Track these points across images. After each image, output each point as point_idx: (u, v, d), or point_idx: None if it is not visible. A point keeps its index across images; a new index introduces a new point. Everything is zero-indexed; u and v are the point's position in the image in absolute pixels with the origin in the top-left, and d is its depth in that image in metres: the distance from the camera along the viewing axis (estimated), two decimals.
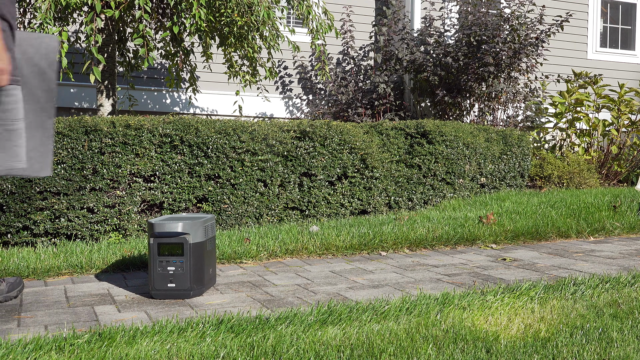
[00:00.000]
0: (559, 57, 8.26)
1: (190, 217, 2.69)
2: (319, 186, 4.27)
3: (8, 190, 3.65)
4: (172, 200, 3.90)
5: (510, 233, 3.81)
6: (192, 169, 3.94)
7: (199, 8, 4.20)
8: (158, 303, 2.53)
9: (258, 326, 2.05)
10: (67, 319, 2.31)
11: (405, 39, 6.54)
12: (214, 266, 2.80)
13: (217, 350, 1.85)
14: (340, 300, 2.49)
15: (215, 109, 6.94)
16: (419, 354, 1.83)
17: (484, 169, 5.16)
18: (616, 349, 1.86)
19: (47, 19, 3.92)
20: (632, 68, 8.92)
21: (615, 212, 4.37)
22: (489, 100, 6.60)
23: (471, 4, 6.63)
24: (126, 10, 4.29)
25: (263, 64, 5.26)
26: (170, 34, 4.61)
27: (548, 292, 2.44)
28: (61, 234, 3.73)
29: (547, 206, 4.50)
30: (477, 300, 2.31)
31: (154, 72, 6.75)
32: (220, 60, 6.06)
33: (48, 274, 3.06)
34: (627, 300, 2.38)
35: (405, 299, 2.32)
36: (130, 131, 3.83)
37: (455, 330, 2.01)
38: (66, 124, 3.77)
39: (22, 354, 1.83)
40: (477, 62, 6.20)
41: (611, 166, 6.93)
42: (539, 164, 6.19)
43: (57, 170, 3.69)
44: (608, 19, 9.05)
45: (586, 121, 6.94)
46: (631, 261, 3.25)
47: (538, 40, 6.42)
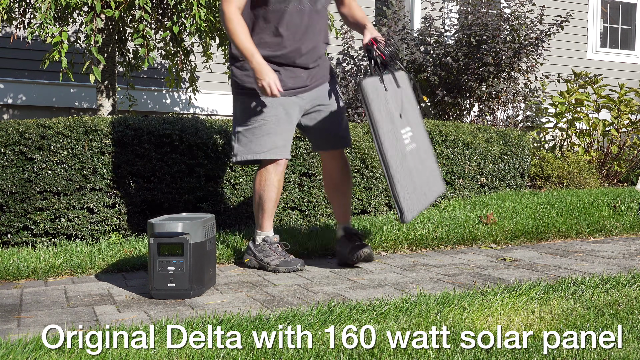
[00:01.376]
0: (559, 57, 8.26)
1: (190, 217, 2.69)
2: (319, 186, 4.27)
3: (8, 190, 3.65)
4: (172, 200, 3.90)
5: (510, 233, 3.81)
6: (192, 169, 3.94)
7: (199, 8, 4.20)
8: (158, 303, 2.53)
9: (258, 326, 2.05)
10: (67, 319, 2.31)
11: (405, 39, 6.54)
12: (214, 266, 2.80)
13: (217, 350, 1.86)
14: (340, 300, 2.49)
15: (215, 109, 6.94)
16: (419, 354, 1.83)
17: (484, 169, 5.16)
18: (616, 349, 1.86)
19: (47, 19, 3.92)
20: (632, 68, 8.92)
21: (615, 212, 4.37)
22: (489, 100, 6.59)
23: (471, 4, 6.62)
24: (126, 10, 4.29)
25: None
26: (170, 34, 4.61)
27: (548, 292, 2.44)
28: (61, 234, 3.73)
29: (547, 206, 4.50)
30: (477, 300, 2.31)
31: (154, 72, 6.75)
32: (220, 60, 6.06)
33: (48, 274, 3.06)
34: (627, 300, 2.38)
35: (405, 299, 2.32)
36: (130, 131, 3.83)
37: (455, 330, 2.01)
38: (66, 124, 3.77)
39: (22, 354, 1.83)
40: (477, 62, 6.20)
41: (611, 166, 6.93)
42: (539, 164, 6.19)
43: (57, 170, 3.69)
44: (608, 19, 9.04)
45: (586, 121, 6.94)
46: (631, 261, 3.25)
47: (538, 40, 6.42)
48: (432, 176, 3.02)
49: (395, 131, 2.83)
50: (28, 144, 3.68)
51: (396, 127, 2.84)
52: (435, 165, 3.13)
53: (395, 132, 2.82)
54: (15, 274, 3.02)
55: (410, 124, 2.94)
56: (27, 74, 6.30)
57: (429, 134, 4.80)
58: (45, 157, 3.68)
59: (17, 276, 3.02)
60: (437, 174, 3.11)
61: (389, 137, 2.77)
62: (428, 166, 3.00)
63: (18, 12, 4.80)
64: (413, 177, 2.82)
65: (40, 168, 3.67)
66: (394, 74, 2.97)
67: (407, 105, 2.97)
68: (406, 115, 2.93)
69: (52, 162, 3.68)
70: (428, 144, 3.12)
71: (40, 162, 3.67)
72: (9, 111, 6.30)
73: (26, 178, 3.65)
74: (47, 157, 3.68)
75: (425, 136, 3.11)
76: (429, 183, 2.97)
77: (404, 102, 2.95)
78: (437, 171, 3.14)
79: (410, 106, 3.00)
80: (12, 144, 3.67)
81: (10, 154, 3.66)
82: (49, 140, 3.69)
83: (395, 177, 2.70)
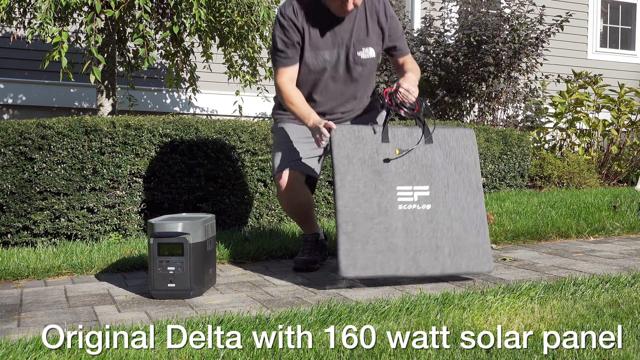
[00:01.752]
0: (559, 57, 8.26)
1: (190, 217, 2.69)
2: (319, 186, 4.27)
3: (8, 190, 3.65)
4: (172, 200, 3.90)
5: (510, 233, 3.81)
6: (192, 169, 3.94)
7: (199, 8, 4.20)
8: (158, 303, 2.53)
9: (258, 326, 2.05)
10: (67, 319, 2.31)
11: (405, 39, 6.54)
12: (214, 266, 2.80)
13: (217, 350, 1.86)
14: (340, 300, 2.49)
15: (215, 109, 6.94)
16: (419, 354, 1.83)
17: (483, 169, 5.16)
18: (616, 349, 1.86)
19: (47, 19, 3.92)
20: (632, 68, 8.91)
21: (615, 212, 4.37)
22: (489, 100, 6.59)
23: (471, 4, 6.62)
24: (126, 10, 4.29)
25: (263, 64, 5.25)
26: (170, 34, 4.61)
27: (548, 292, 2.44)
28: (61, 234, 3.72)
29: (547, 206, 4.50)
30: (477, 300, 2.30)
31: (154, 72, 6.75)
32: (220, 60, 6.06)
33: (48, 274, 3.06)
34: (627, 300, 2.38)
35: (405, 299, 2.32)
36: (130, 131, 3.83)
37: (455, 330, 2.01)
38: (66, 124, 3.77)
39: (22, 354, 1.83)
40: (477, 62, 6.20)
41: (611, 166, 6.93)
42: (539, 164, 6.19)
43: (57, 170, 3.69)
44: (608, 19, 9.04)
45: (586, 121, 6.94)
46: (631, 261, 3.25)
47: (538, 40, 6.42)
48: (454, 248, 2.64)
49: (376, 184, 2.63)
50: (28, 144, 3.68)
51: (384, 180, 2.64)
52: (474, 238, 2.68)
53: (373, 184, 2.63)
54: (15, 274, 3.02)
55: (432, 183, 2.68)
56: (27, 74, 6.30)
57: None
58: (45, 157, 3.68)
59: (17, 276, 3.02)
60: (469, 247, 2.66)
61: (352, 186, 2.60)
62: (450, 235, 2.64)
63: (18, 12, 4.80)
64: (394, 237, 2.58)
65: (40, 168, 3.67)
66: (427, 128, 2.73)
67: (439, 164, 2.70)
68: (427, 174, 2.68)
69: (52, 162, 3.68)
70: (467, 212, 2.70)
71: (40, 162, 3.67)
72: (9, 111, 6.30)
73: (26, 178, 3.65)
74: (47, 157, 3.68)
75: (466, 204, 2.71)
76: (437, 254, 2.62)
77: (432, 160, 2.70)
78: (474, 246, 2.67)
79: (445, 166, 2.72)
80: (12, 144, 3.67)
81: (10, 154, 3.66)
82: (49, 140, 3.69)
83: (340, 226, 2.55)
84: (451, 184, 2.70)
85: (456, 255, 2.64)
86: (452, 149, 2.75)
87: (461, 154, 2.75)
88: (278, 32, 2.87)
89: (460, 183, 2.71)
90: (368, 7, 2.90)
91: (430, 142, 2.74)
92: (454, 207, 2.68)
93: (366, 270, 2.55)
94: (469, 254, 2.65)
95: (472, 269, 2.65)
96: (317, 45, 2.86)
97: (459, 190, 2.70)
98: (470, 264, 2.64)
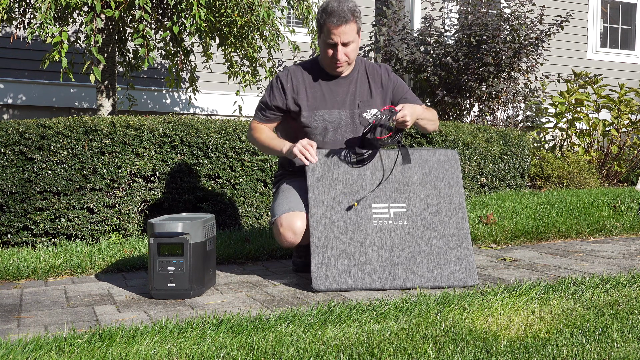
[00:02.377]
0: (559, 57, 8.26)
1: (190, 217, 2.69)
2: None
3: (8, 190, 3.65)
4: (172, 200, 3.90)
5: (510, 233, 3.81)
6: (192, 169, 3.94)
7: (199, 8, 4.20)
8: (158, 303, 2.53)
9: (258, 326, 2.05)
10: (67, 319, 2.31)
11: (405, 39, 6.55)
12: (214, 266, 2.80)
13: (217, 350, 1.85)
14: (340, 300, 2.49)
15: (215, 109, 6.94)
16: (419, 354, 1.83)
17: (484, 169, 5.16)
18: (616, 349, 1.86)
19: (47, 19, 3.92)
20: (632, 68, 8.92)
21: (615, 212, 4.37)
22: (489, 100, 6.59)
23: (471, 4, 6.63)
24: (126, 10, 4.29)
25: (263, 64, 5.25)
26: (170, 34, 4.61)
27: (548, 292, 2.44)
28: (61, 234, 3.73)
29: (547, 206, 4.50)
30: (477, 300, 2.31)
31: (154, 72, 6.75)
32: (220, 60, 6.06)
33: (48, 274, 3.06)
34: (627, 300, 2.38)
35: (405, 299, 2.32)
36: (130, 131, 3.83)
37: (455, 330, 2.01)
38: (66, 124, 3.77)
39: (22, 354, 1.83)
40: (477, 62, 6.20)
41: (611, 166, 6.93)
42: (539, 164, 6.19)
43: (57, 170, 3.69)
44: (608, 19, 9.05)
45: (586, 121, 6.94)
46: (631, 261, 3.25)
47: (538, 40, 6.42)
48: (434, 261, 2.67)
49: (351, 202, 2.70)
50: (28, 144, 3.68)
51: (358, 198, 2.72)
52: (455, 251, 2.70)
53: (347, 203, 2.70)
54: (15, 274, 3.02)
55: (409, 200, 2.75)
56: (27, 74, 6.31)
57: (429, 134, 4.80)
58: (45, 157, 3.68)
59: (17, 276, 3.02)
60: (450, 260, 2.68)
61: (324, 205, 2.68)
62: (429, 249, 2.68)
63: (18, 12, 4.80)
64: (367, 251, 2.64)
65: (40, 168, 3.67)
66: (406, 150, 2.81)
67: (416, 183, 2.78)
68: (404, 192, 2.76)
69: (52, 162, 3.68)
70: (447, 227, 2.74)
71: (40, 162, 3.67)
72: (9, 111, 6.30)
73: (26, 178, 3.65)
74: (47, 157, 3.68)
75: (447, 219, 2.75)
76: (415, 267, 2.65)
77: (409, 179, 2.78)
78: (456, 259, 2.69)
79: (424, 185, 2.79)
80: (12, 144, 3.67)
81: (10, 154, 3.66)
82: (49, 140, 3.69)
83: (313, 241, 2.64)
84: (430, 200, 2.78)
85: (436, 269, 2.67)
86: (431, 168, 2.83)
87: (442, 173, 2.83)
88: (267, 90, 2.95)
89: (440, 200, 2.79)
90: (369, 72, 2.97)
91: (408, 162, 2.82)
92: (433, 222, 2.74)
93: (338, 283, 2.61)
94: (450, 267, 2.68)
95: (453, 282, 2.65)
96: (314, 106, 2.89)
97: (439, 207, 2.77)
98: (452, 277, 2.66)
